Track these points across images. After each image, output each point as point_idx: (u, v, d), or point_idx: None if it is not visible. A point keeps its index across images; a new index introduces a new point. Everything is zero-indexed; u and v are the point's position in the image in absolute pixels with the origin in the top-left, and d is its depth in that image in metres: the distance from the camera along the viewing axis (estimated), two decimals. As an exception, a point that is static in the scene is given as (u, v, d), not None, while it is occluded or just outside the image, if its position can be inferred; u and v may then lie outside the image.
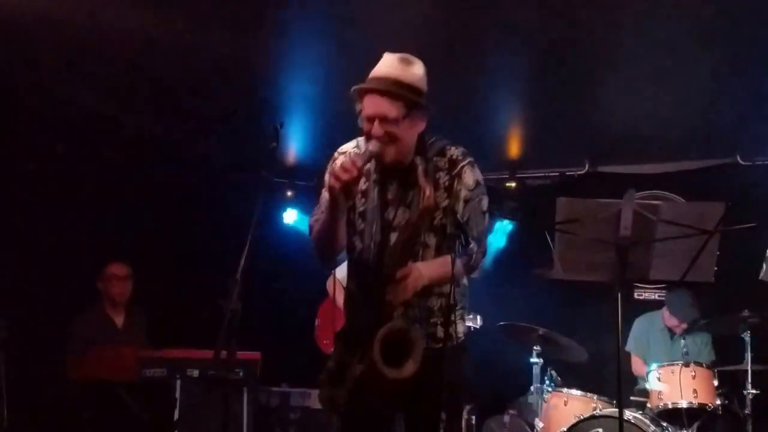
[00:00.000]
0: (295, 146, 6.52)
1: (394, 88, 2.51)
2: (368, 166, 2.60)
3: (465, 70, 4.95)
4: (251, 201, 3.05)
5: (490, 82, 5.19)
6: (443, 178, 2.62)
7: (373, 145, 2.52)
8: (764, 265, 3.28)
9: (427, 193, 2.46)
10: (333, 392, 2.59)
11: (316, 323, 5.44)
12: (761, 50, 4.46)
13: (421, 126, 2.62)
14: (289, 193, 7.42)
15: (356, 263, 2.70)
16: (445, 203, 2.58)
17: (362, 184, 2.65)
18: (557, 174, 6.82)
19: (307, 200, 7.35)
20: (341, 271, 4.82)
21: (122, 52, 4.76)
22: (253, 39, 4.62)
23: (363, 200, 2.67)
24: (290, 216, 7.40)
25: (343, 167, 2.43)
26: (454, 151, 2.66)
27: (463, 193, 2.61)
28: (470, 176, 2.63)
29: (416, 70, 2.58)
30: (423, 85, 2.59)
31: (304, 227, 7.30)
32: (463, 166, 2.63)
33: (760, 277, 3.28)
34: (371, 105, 2.54)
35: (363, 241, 2.65)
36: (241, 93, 5.37)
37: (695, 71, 4.80)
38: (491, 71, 5.04)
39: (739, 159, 6.13)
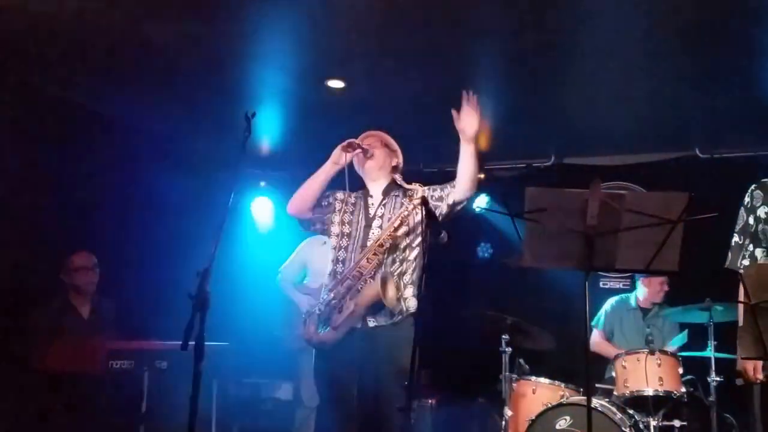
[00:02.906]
0: (268, 136, 6.50)
1: (381, 132, 3.87)
2: (356, 198, 3.80)
3: (434, 66, 5.00)
4: (223, 191, 3.06)
5: (460, 76, 5.17)
6: (407, 188, 3.73)
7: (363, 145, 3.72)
8: (729, 254, 3.31)
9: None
10: (320, 334, 3.58)
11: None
12: (720, 47, 4.57)
13: (393, 162, 3.84)
14: (262, 183, 7.39)
15: (345, 243, 3.69)
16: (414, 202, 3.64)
17: (351, 198, 3.79)
18: (524, 165, 6.99)
19: (280, 190, 7.34)
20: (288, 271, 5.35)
21: (92, 41, 4.70)
22: (223, 27, 4.57)
23: (352, 206, 3.77)
24: (262, 206, 7.36)
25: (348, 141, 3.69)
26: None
27: (427, 192, 3.64)
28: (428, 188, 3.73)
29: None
30: (399, 154, 3.89)
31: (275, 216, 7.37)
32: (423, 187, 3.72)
33: (726, 266, 3.30)
34: (364, 136, 3.82)
35: (351, 226, 3.71)
36: (212, 82, 5.33)
37: (655, 69, 4.94)
38: (460, 66, 5.06)
39: (697, 152, 6.34)
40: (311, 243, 5.33)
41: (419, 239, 3.62)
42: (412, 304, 3.61)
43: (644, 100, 5.48)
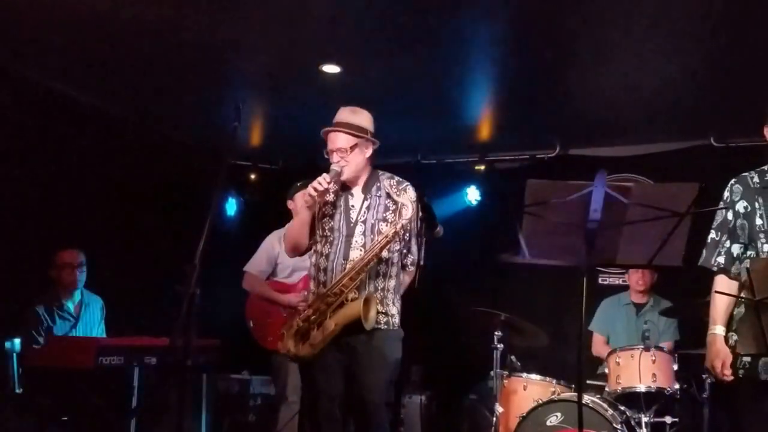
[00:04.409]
0: (258, 125, 6.39)
1: (344, 128, 3.62)
2: (333, 186, 3.62)
3: (434, 52, 4.93)
4: (211, 183, 3.04)
5: (462, 65, 5.16)
6: (394, 188, 3.63)
7: (336, 167, 3.57)
8: (703, 251, 3.30)
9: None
10: (297, 348, 3.56)
11: (251, 325, 5.26)
12: (732, 32, 4.47)
13: (368, 153, 3.67)
14: (252, 177, 7.30)
15: (327, 250, 3.62)
16: (393, 207, 3.61)
17: (330, 197, 3.66)
18: (527, 157, 6.79)
19: (269, 183, 7.27)
20: (254, 268, 5.15)
21: (77, 28, 4.62)
22: (213, 15, 4.51)
23: (332, 208, 3.67)
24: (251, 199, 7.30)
25: (316, 183, 3.50)
26: (399, 178, 3.73)
27: (409, 204, 3.51)
28: (412, 193, 3.60)
29: (360, 117, 3.67)
30: (367, 126, 3.67)
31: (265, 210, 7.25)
32: (407, 185, 3.66)
33: (699, 263, 3.29)
34: (331, 141, 3.64)
35: (333, 233, 3.61)
36: (201, 70, 5.24)
37: (668, 53, 4.80)
38: (462, 54, 5.00)
39: (712, 141, 6.10)
40: (279, 236, 5.22)
41: (405, 249, 3.67)
42: (395, 320, 3.62)
43: (655, 87, 5.30)
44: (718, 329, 3.15)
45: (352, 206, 3.65)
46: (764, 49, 4.61)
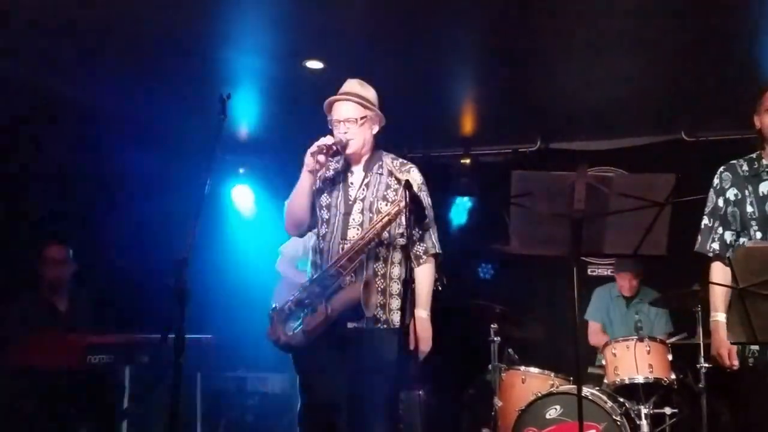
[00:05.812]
0: (245, 120, 6.38)
1: (355, 98, 3.41)
2: (334, 163, 3.45)
3: (417, 47, 4.91)
4: (199, 177, 3.03)
5: (444, 59, 5.16)
6: (397, 167, 3.40)
7: (342, 137, 3.34)
8: (698, 237, 3.31)
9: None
10: (289, 335, 3.26)
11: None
12: (704, 29, 4.54)
13: (375, 129, 3.46)
14: (241, 170, 7.29)
15: (324, 230, 3.40)
16: (395, 186, 3.37)
17: (329, 173, 3.45)
18: (510, 150, 6.94)
19: (260, 176, 7.25)
20: (289, 250, 5.08)
21: (59, 21, 4.57)
22: (195, 4, 4.46)
23: (330, 184, 3.44)
24: (241, 193, 7.27)
25: (318, 141, 3.29)
26: (403, 160, 3.53)
27: (415, 186, 3.28)
28: (417, 174, 3.43)
29: (369, 91, 3.51)
30: (375, 102, 3.49)
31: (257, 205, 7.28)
32: (411, 167, 3.46)
33: (695, 249, 3.30)
34: (338, 110, 3.41)
35: (330, 211, 3.39)
36: (186, 64, 5.19)
37: (639, 50, 4.90)
38: (444, 49, 4.99)
39: (683, 135, 6.36)
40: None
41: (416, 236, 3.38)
42: (397, 317, 3.29)
43: (629, 83, 5.42)
44: (719, 316, 3.15)
45: (351, 183, 3.42)
46: (732, 45, 4.73)
